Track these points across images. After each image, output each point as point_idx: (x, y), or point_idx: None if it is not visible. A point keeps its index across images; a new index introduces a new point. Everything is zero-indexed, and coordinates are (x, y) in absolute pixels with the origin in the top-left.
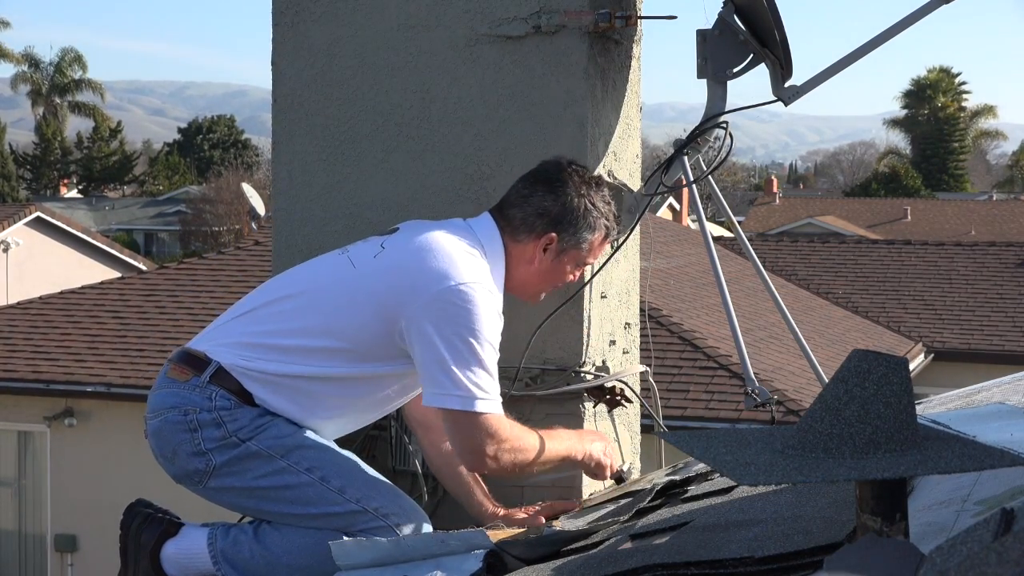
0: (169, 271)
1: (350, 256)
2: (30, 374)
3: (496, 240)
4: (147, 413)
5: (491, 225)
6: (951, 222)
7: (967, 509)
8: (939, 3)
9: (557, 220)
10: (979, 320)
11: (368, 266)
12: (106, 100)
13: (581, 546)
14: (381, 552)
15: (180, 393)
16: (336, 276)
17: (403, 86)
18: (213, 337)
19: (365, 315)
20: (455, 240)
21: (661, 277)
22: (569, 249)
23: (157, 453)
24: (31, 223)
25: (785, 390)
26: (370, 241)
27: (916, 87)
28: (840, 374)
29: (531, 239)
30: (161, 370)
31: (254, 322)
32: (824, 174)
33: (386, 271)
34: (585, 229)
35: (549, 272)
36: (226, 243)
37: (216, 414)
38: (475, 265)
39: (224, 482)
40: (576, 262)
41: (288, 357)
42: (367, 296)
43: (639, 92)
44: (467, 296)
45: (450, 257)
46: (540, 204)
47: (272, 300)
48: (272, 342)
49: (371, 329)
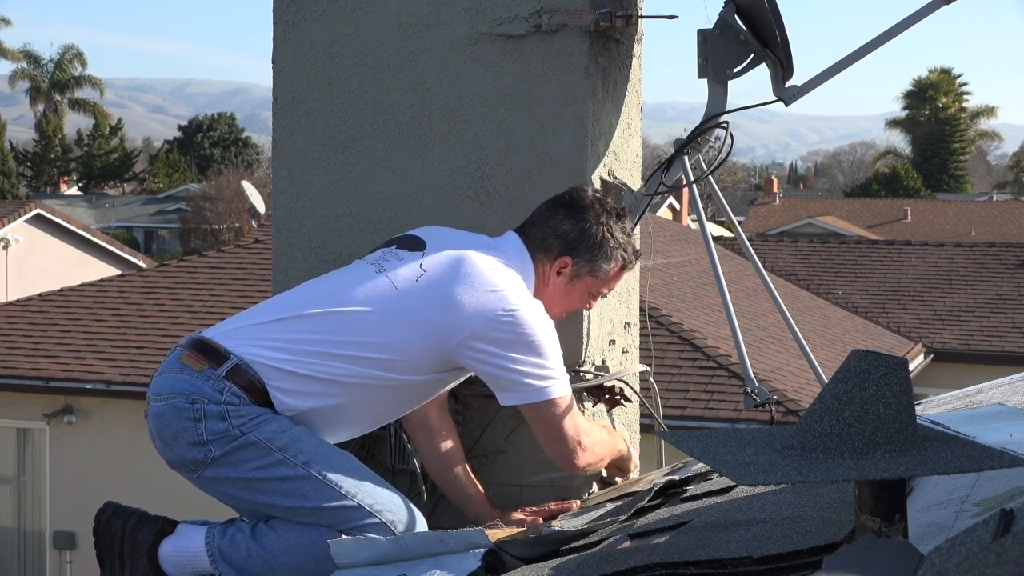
0: (169, 269)
1: (389, 276)
2: (30, 371)
3: (525, 257)
4: (151, 394)
5: (518, 243)
6: (951, 223)
7: (966, 510)
8: (940, 3)
9: (574, 245)
10: (979, 321)
11: (411, 289)
12: (106, 97)
13: (580, 545)
14: (380, 551)
15: (192, 381)
16: (377, 295)
17: (403, 85)
18: (237, 336)
19: (411, 336)
20: (490, 259)
21: (661, 277)
22: (584, 275)
23: (155, 435)
24: (31, 220)
25: (785, 390)
26: (403, 259)
27: (917, 87)
28: (840, 374)
29: (547, 260)
30: (172, 353)
31: (287, 331)
32: (824, 174)
33: (433, 297)
34: (601, 258)
35: (561, 296)
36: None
37: (223, 407)
38: (515, 284)
39: (220, 472)
40: (590, 290)
41: (322, 360)
42: (411, 319)
43: (640, 91)
44: (520, 318)
45: (494, 282)
46: (559, 227)
47: (307, 314)
48: (306, 348)
49: (415, 348)
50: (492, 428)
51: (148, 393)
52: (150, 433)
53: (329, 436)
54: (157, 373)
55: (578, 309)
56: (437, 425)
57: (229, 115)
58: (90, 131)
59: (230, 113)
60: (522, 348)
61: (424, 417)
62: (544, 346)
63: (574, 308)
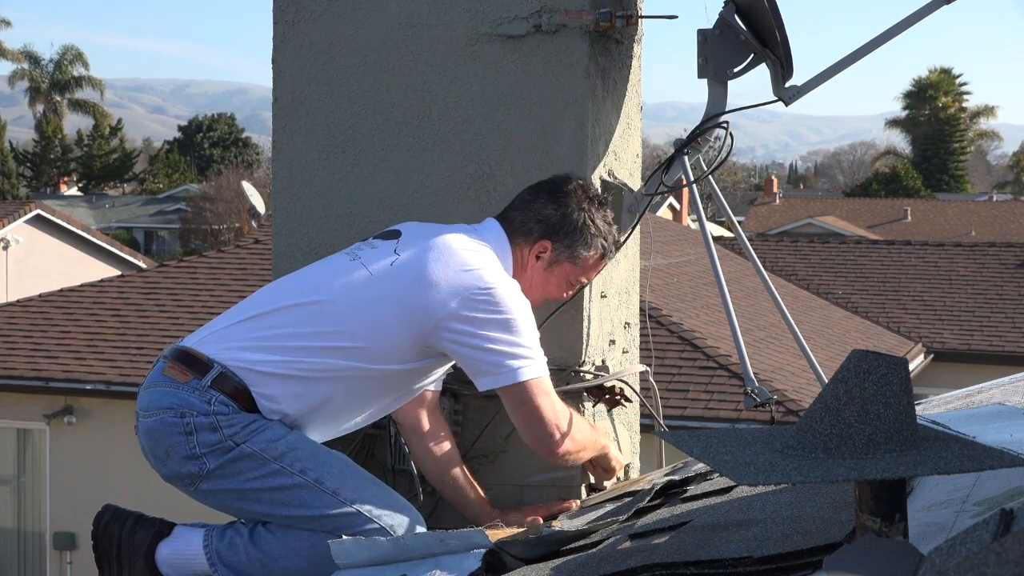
0: (169, 269)
1: (364, 262)
2: (29, 372)
3: (504, 241)
4: (140, 409)
5: (497, 228)
6: (951, 223)
7: (966, 510)
8: (940, 3)
9: (554, 229)
10: (979, 321)
11: (385, 272)
12: (106, 98)
13: (580, 545)
14: (380, 551)
15: (178, 394)
16: (350, 282)
17: (403, 85)
18: (216, 341)
19: (388, 322)
20: (467, 240)
21: (661, 277)
22: (562, 261)
23: (148, 452)
24: (31, 221)
25: (785, 390)
26: (378, 247)
27: (917, 87)
28: (840, 374)
29: (526, 244)
30: (155, 366)
31: (262, 327)
32: (824, 174)
33: (407, 279)
34: (581, 244)
35: (539, 282)
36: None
37: (213, 418)
38: (491, 263)
39: (217, 484)
40: (568, 277)
41: (299, 355)
42: (387, 303)
43: (640, 91)
44: (495, 297)
45: (469, 261)
46: (541, 211)
47: (282, 307)
48: (283, 344)
49: (392, 333)
50: (492, 428)
51: (136, 408)
52: (142, 449)
53: (321, 435)
54: (143, 387)
55: (556, 297)
56: (431, 429)
57: (229, 115)
58: (90, 131)
59: (230, 113)
60: (497, 327)
61: (416, 421)
62: (520, 325)
63: (552, 296)
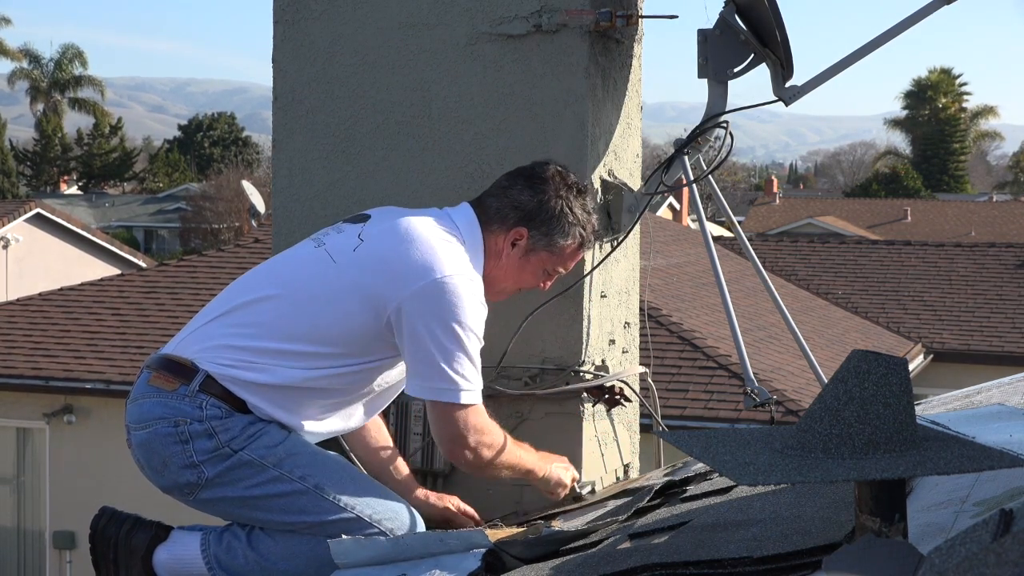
0: (169, 268)
1: (328, 250)
2: (29, 371)
3: (475, 228)
4: (130, 423)
5: (470, 214)
6: (951, 223)
7: (966, 510)
8: (940, 3)
9: (530, 216)
10: (979, 321)
11: (348, 259)
12: (106, 97)
13: (580, 545)
14: (380, 551)
15: (168, 403)
16: (316, 272)
17: (403, 84)
18: (194, 342)
19: (351, 310)
20: (433, 227)
21: (661, 277)
22: (539, 249)
23: (144, 464)
24: (31, 219)
25: (784, 390)
26: (344, 231)
27: (917, 88)
28: (839, 374)
29: (502, 231)
30: (139, 377)
31: (235, 324)
32: (824, 174)
33: (368, 265)
34: (558, 232)
35: (515, 270)
36: (226, 240)
37: (208, 424)
38: (455, 254)
39: (216, 493)
40: (545, 266)
41: (275, 361)
42: (350, 291)
43: (640, 91)
44: (450, 288)
45: (431, 248)
46: (517, 198)
47: (251, 300)
48: (256, 344)
49: (357, 323)
50: None
51: (126, 421)
52: (137, 462)
53: (315, 436)
54: (130, 400)
55: (531, 286)
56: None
57: (229, 114)
58: (90, 130)
59: (230, 112)
60: (449, 331)
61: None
62: (469, 333)
63: (528, 285)
